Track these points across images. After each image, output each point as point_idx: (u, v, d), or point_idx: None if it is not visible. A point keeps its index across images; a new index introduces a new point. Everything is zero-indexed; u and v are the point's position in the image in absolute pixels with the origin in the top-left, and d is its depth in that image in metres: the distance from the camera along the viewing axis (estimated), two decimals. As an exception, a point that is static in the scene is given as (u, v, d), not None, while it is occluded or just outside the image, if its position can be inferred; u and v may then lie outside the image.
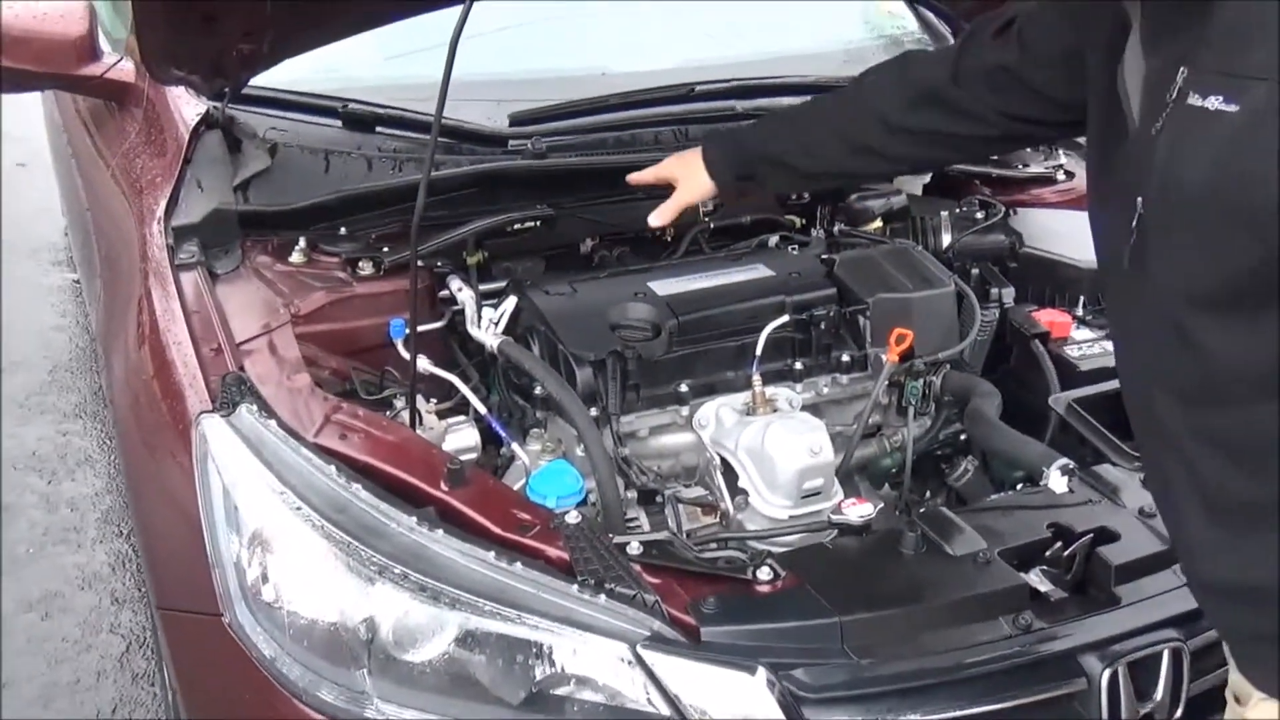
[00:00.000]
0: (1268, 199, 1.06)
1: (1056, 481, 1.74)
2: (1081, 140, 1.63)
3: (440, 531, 1.49)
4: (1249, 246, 1.10)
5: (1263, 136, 1.06)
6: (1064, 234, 2.40)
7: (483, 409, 1.94)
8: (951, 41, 2.87)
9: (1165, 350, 1.23)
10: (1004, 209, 2.43)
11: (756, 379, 1.95)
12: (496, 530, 1.53)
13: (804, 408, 2.00)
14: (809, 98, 2.06)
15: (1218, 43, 1.14)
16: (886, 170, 2.18)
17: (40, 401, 3.74)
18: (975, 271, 2.30)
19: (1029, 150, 2.66)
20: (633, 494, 1.86)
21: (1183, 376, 1.22)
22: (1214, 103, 1.12)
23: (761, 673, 1.40)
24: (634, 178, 2.07)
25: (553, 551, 1.51)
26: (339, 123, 2.23)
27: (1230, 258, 1.13)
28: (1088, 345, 2.16)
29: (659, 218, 2.00)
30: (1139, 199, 1.21)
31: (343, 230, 2.09)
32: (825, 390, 2.08)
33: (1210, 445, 1.22)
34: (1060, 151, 2.66)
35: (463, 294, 2.08)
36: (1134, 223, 1.22)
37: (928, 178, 2.62)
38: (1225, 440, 1.20)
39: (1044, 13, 1.60)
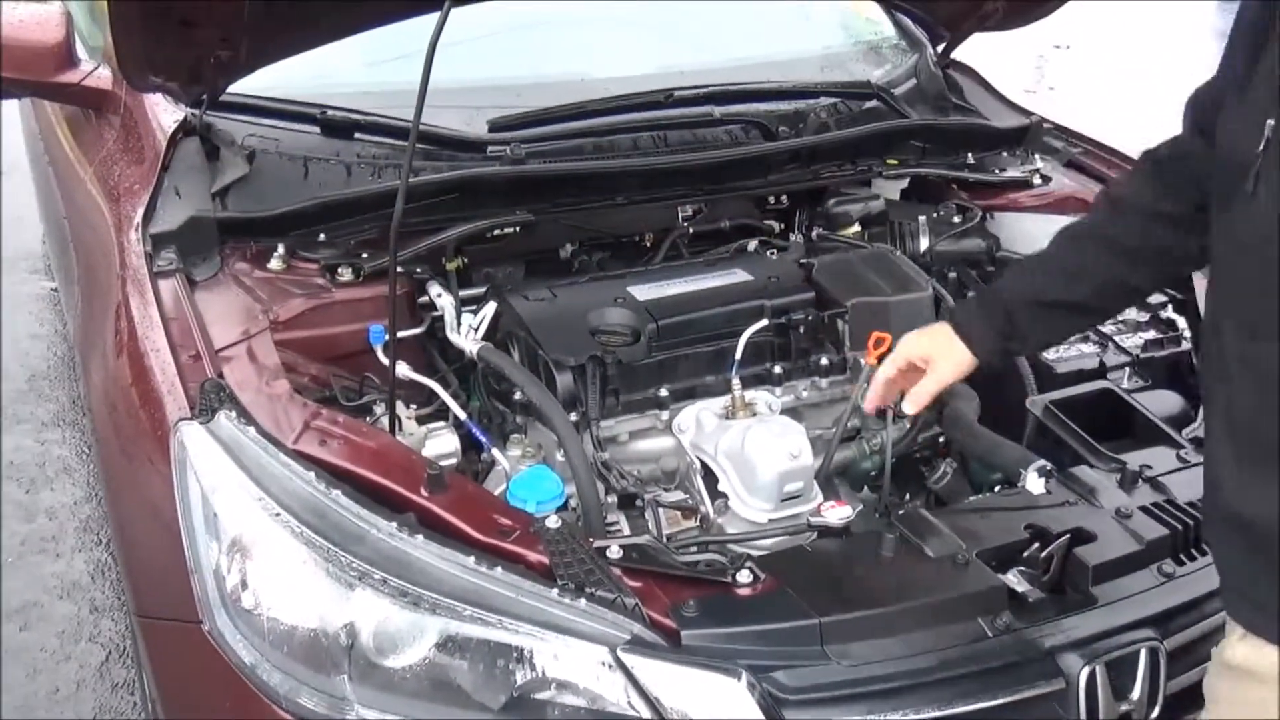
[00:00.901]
0: None
1: (1034, 483, 1.75)
2: None
3: (420, 537, 1.49)
4: None
5: None
6: (1040, 238, 2.37)
7: (462, 414, 1.94)
8: (929, 46, 2.89)
9: (1249, 279, 1.24)
10: (981, 213, 2.44)
11: (736, 383, 1.96)
12: (477, 535, 1.54)
13: (783, 411, 2.01)
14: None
15: None
16: (1178, 268, 1.81)
17: (18, 411, 3.72)
18: (953, 275, 2.32)
19: (1005, 154, 2.68)
20: (613, 498, 1.86)
21: (1256, 307, 1.23)
22: None
23: (742, 675, 1.41)
24: (881, 376, 1.80)
25: (533, 556, 1.52)
26: (318, 129, 2.23)
27: None
28: (1064, 348, 2.18)
29: (913, 405, 1.75)
30: (1269, 122, 1.21)
31: (322, 236, 2.09)
32: (804, 394, 2.09)
33: (1255, 378, 1.24)
34: (1037, 157, 2.68)
35: (442, 300, 2.09)
36: (1260, 146, 1.22)
37: (905, 182, 2.63)
38: (1269, 374, 1.22)
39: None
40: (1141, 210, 1.59)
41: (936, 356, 1.72)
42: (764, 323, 2.04)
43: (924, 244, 2.39)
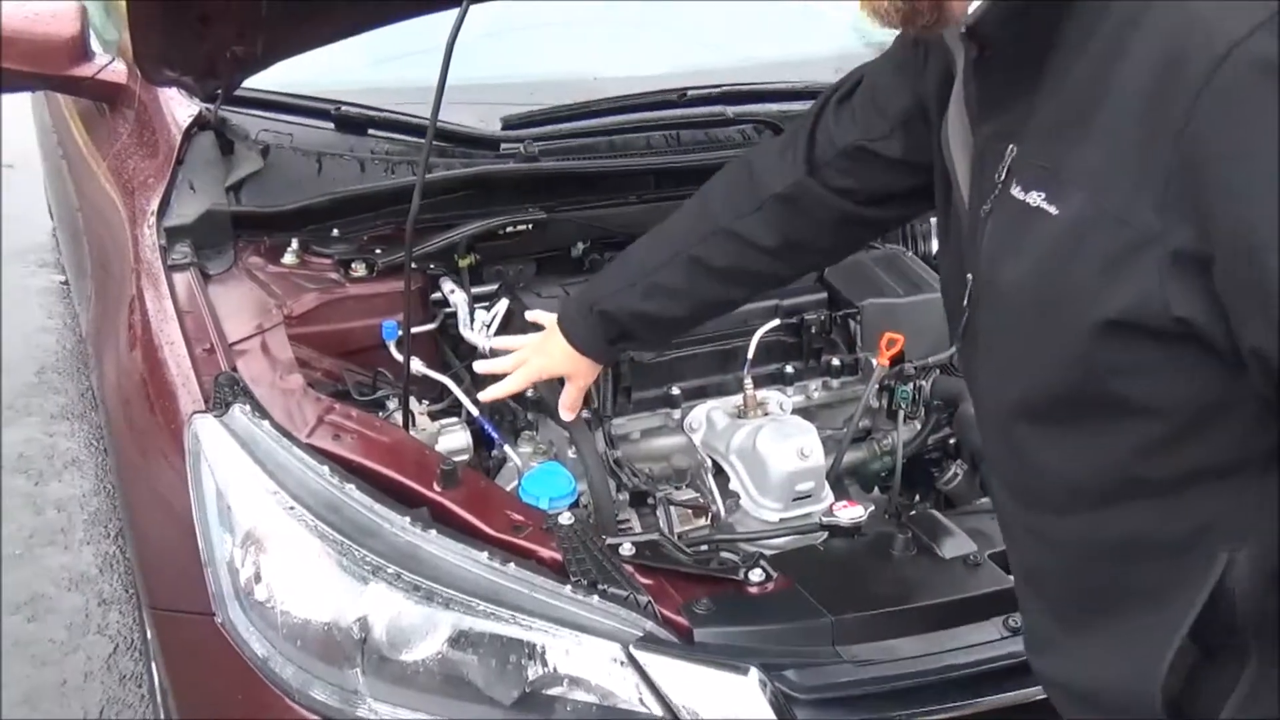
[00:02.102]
0: (1081, 316, 0.98)
1: (1045, 484, 1.75)
2: None
3: (434, 532, 1.49)
4: (1062, 364, 1.02)
5: (1082, 249, 0.97)
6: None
7: (475, 410, 1.94)
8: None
9: (996, 446, 1.19)
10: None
11: (748, 382, 1.96)
12: (490, 531, 1.54)
13: (795, 411, 2.01)
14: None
15: (1043, 131, 1.05)
16: (772, 285, 1.78)
17: (27, 403, 3.73)
18: (964, 277, 2.31)
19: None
20: (624, 496, 1.86)
21: (1012, 475, 1.18)
22: (1035, 198, 1.03)
23: (753, 673, 1.41)
24: (504, 388, 1.78)
25: (545, 552, 1.52)
26: (332, 125, 2.23)
27: (1045, 369, 1.05)
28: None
29: (567, 413, 1.78)
30: (969, 275, 1.16)
31: (335, 232, 2.09)
32: (816, 394, 2.10)
33: (1042, 544, 1.17)
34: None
35: (455, 296, 2.09)
36: (964, 300, 1.17)
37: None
38: (1055, 542, 1.15)
39: (881, 70, 1.48)
40: (737, 240, 1.57)
41: (568, 374, 1.74)
42: (776, 322, 2.04)
43: (935, 245, 2.39)
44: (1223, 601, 1.01)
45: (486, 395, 1.80)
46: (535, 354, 1.77)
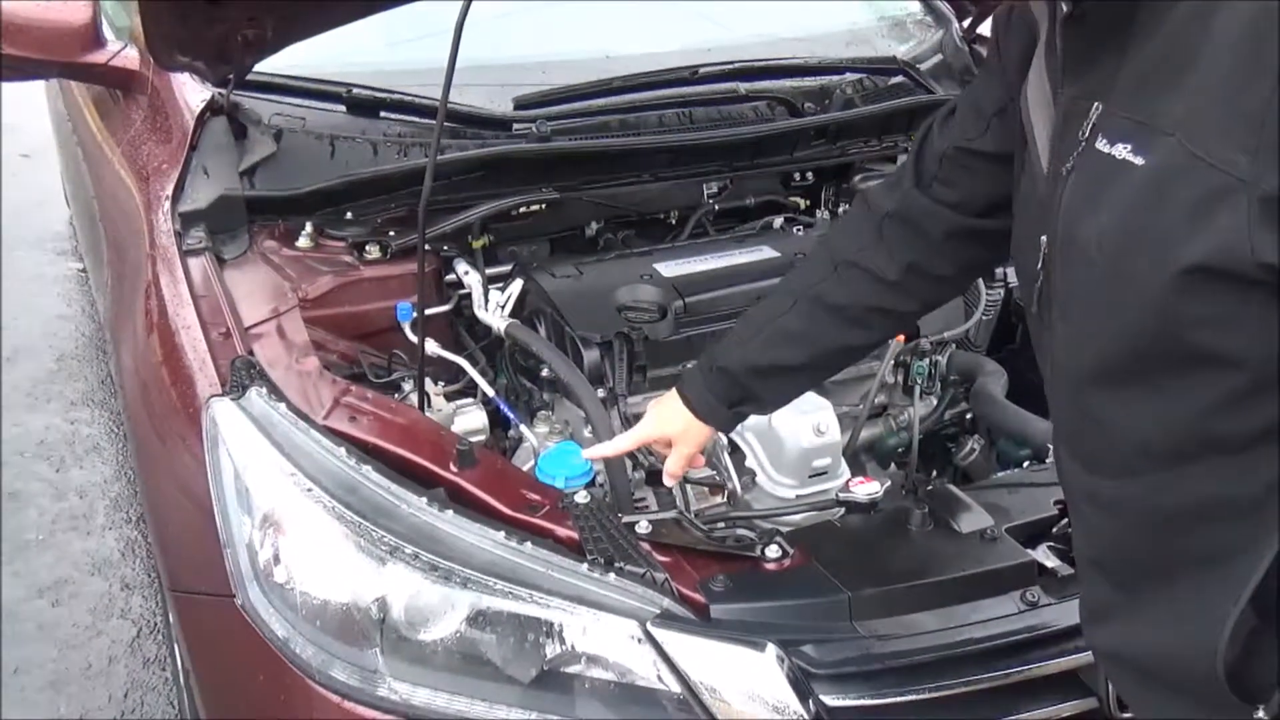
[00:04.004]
0: (1164, 265, 0.98)
1: (1063, 458, 1.75)
2: None
3: (450, 512, 1.50)
4: (1141, 317, 1.02)
5: (1169, 195, 0.97)
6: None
7: (490, 391, 1.95)
8: (954, 21, 2.87)
9: (1068, 413, 1.18)
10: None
11: (763, 359, 1.96)
12: (506, 510, 1.55)
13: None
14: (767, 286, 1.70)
15: (1131, 85, 1.05)
16: (895, 326, 1.65)
17: (47, 390, 3.75)
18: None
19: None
20: (640, 474, 1.87)
21: (1081, 441, 1.17)
22: (1121, 150, 1.03)
23: (771, 649, 1.41)
24: (613, 446, 1.71)
25: (562, 531, 1.52)
26: (344, 108, 2.23)
27: (1123, 324, 1.05)
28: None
29: (669, 479, 1.70)
30: (1043, 238, 1.16)
31: (349, 215, 2.10)
32: (832, 370, 2.09)
33: (1106, 511, 1.17)
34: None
35: (469, 277, 2.09)
36: (1039, 264, 1.17)
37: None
38: (1121, 508, 1.14)
39: (977, 80, 1.48)
40: (859, 273, 1.52)
41: (675, 436, 1.65)
42: (791, 299, 2.03)
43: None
44: None
45: (590, 452, 1.71)
46: (648, 416, 1.70)
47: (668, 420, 1.65)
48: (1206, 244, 0.95)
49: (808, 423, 1.83)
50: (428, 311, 1.95)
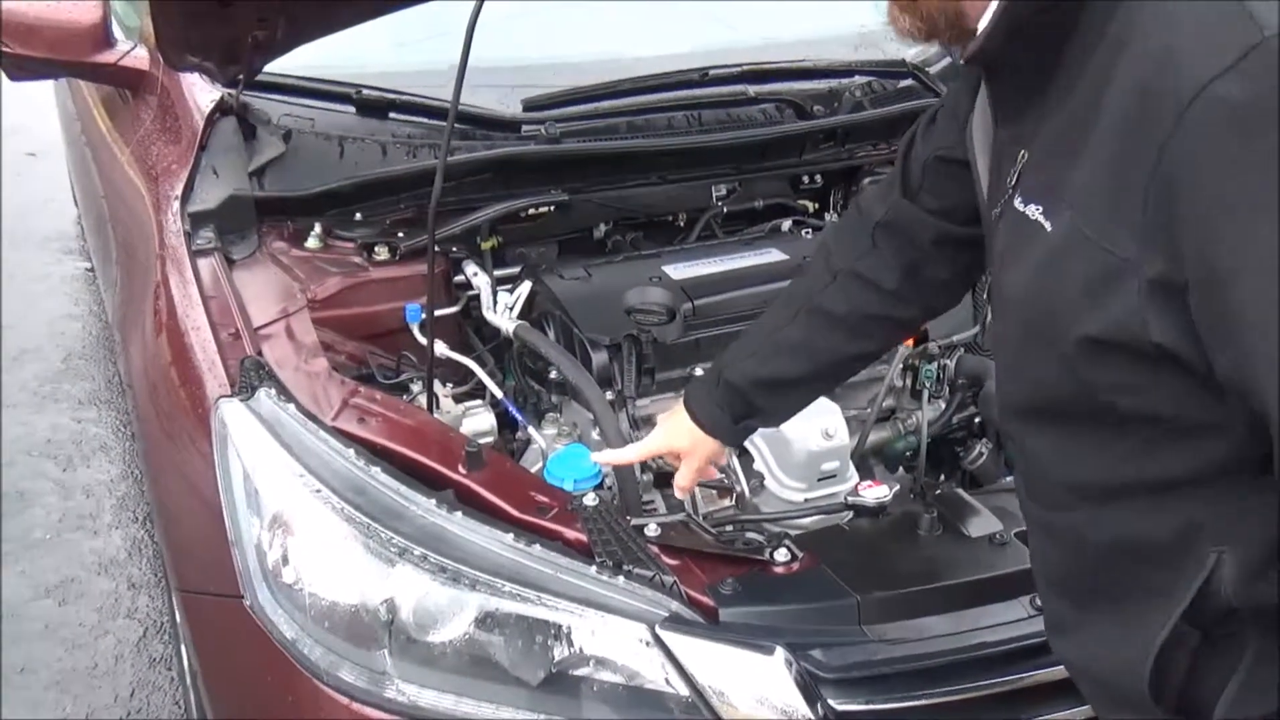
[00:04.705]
0: (1068, 330, 1.01)
1: (1071, 463, 1.74)
2: None
3: (459, 514, 1.50)
4: (1052, 372, 1.06)
5: (1068, 268, 1.00)
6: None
7: (499, 393, 1.95)
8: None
9: (1009, 441, 1.21)
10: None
11: (772, 362, 1.95)
12: (515, 512, 1.54)
13: (818, 391, 2.00)
14: (770, 295, 1.72)
15: (1048, 142, 1.06)
16: (896, 334, 1.69)
17: (54, 389, 3.76)
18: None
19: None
20: (649, 477, 1.87)
21: (1022, 469, 1.21)
22: (1034, 211, 1.05)
23: (779, 653, 1.40)
24: (621, 455, 1.70)
25: (571, 533, 1.52)
26: (353, 109, 2.24)
27: (1038, 375, 1.09)
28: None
29: (680, 492, 1.70)
30: (989, 272, 1.18)
31: (358, 215, 2.10)
32: (840, 374, 2.08)
33: (1049, 537, 1.20)
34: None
35: (478, 279, 2.09)
36: (985, 295, 1.19)
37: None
38: (1058, 536, 1.18)
39: (958, 81, 1.47)
40: (858, 282, 1.51)
41: (684, 450, 1.65)
42: (799, 303, 2.03)
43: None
44: (1213, 597, 1.03)
45: (598, 458, 1.71)
46: (659, 429, 1.70)
47: (676, 434, 1.65)
48: (1103, 320, 0.97)
49: (816, 426, 1.83)
50: (437, 313, 1.95)
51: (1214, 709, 1.07)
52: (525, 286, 2.05)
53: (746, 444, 1.89)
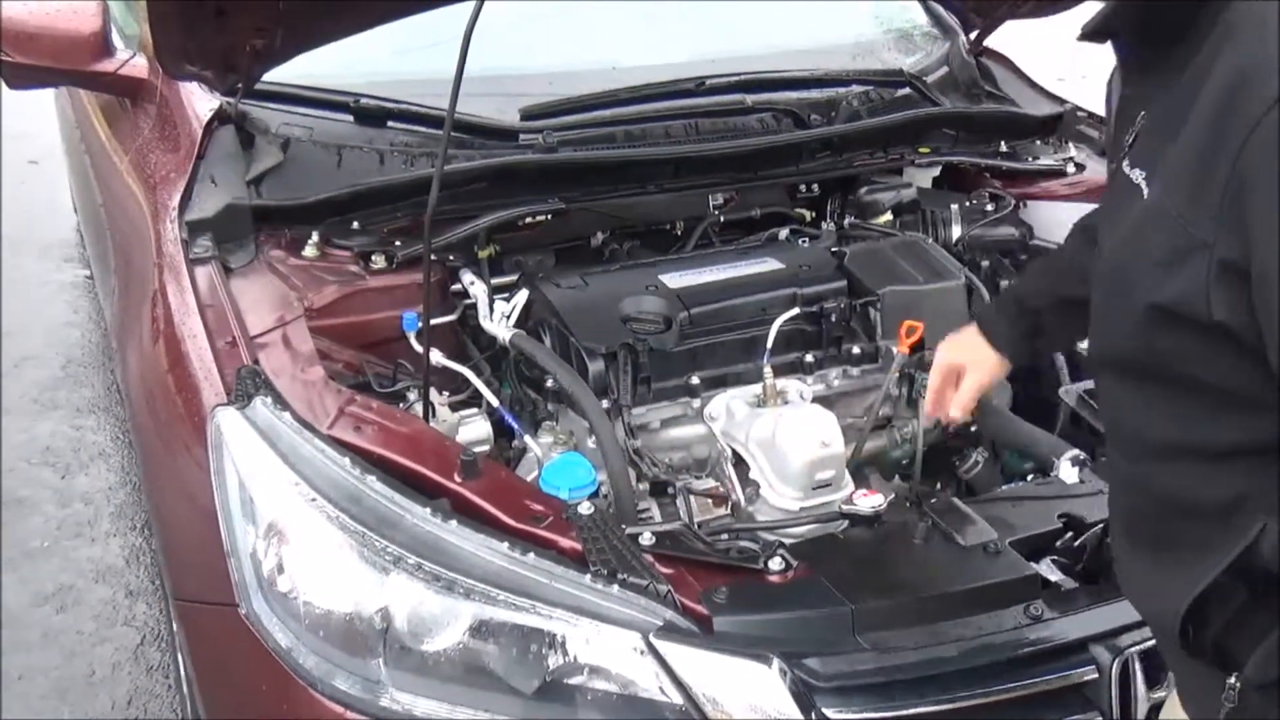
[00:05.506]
0: (1141, 295, 1.06)
1: (1067, 472, 1.75)
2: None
3: (454, 522, 1.50)
4: (1127, 330, 1.11)
5: (1153, 236, 1.05)
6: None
7: (495, 401, 1.95)
8: (961, 34, 2.87)
9: (1099, 392, 1.27)
10: (1014, 201, 2.43)
11: (767, 371, 1.96)
12: (510, 521, 1.55)
13: (815, 400, 2.01)
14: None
15: (1157, 116, 1.12)
16: None
17: (53, 397, 3.76)
18: (985, 264, 2.31)
19: (1038, 143, 2.66)
20: (644, 485, 1.87)
21: (1104, 415, 1.26)
22: (1137, 176, 1.11)
23: (774, 662, 1.41)
24: (931, 387, 1.75)
25: (565, 542, 1.52)
26: (351, 118, 2.24)
27: (1116, 331, 1.15)
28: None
29: (959, 412, 1.71)
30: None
31: (355, 224, 2.10)
32: (836, 382, 2.09)
33: (1119, 482, 1.25)
34: (1070, 145, 2.66)
35: (475, 287, 2.10)
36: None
37: (937, 170, 2.63)
38: (1124, 482, 1.24)
39: None
40: None
41: (969, 363, 1.70)
42: (795, 311, 2.04)
43: (956, 232, 2.38)
44: (1256, 559, 1.07)
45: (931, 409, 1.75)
46: (941, 350, 1.74)
47: (965, 349, 1.71)
48: (1172, 292, 1.03)
49: (812, 435, 1.83)
50: (433, 321, 1.96)
51: (1245, 665, 1.11)
52: (522, 295, 2.06)
53: (742, 452, 1.89)
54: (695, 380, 1.97)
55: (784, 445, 1.83)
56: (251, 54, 2.06)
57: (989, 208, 2.41)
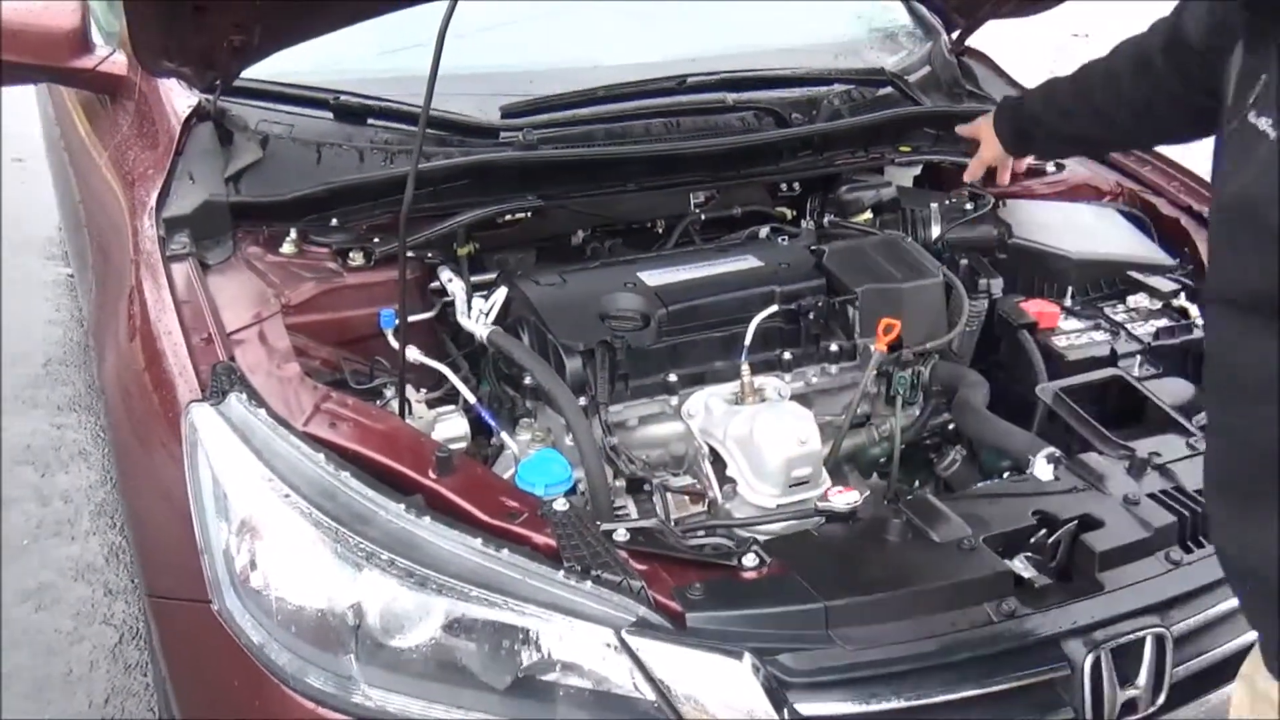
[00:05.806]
0: (1273, 224, 1.12)
1: (1043, 470, 1.76)
2: None
3: (428, 518, 1.50)
4: (1254, 257, 1.16)
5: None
6: (1052, 225, 2.41)
7: (472, 398, 1.95)
8: (943, 33, 2.88)
9: (1209, 335, 1.30)
10: (993, 200, 2.43)
11: (745, 369, 1.96)
12: (484, 517, 1.54)
13: (792, 397, 2.01)
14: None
15: None
16: (1152, 137, 2.22)
17: (34, 395, 3.75)
18: (964, 262, 2.31)
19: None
20: (621, 483, 1.86)
21: (1214, 365, 1.27)
22: (1263, 124, 1.17)
23: (747, 658, 1.41)
24: (961, 129, 2.43)
25: (540, 538, 1.52)
26: (330, 115, 2.24)
27: (1241, 260, 1.19)
28: (1075, 335, 2.17)
29: (969, 176, 2.39)
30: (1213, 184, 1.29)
31: (334, 221, 2.10)
32: (814, 380, 2.09)
33: (1217, 433, 1.28)
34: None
35: (453, 285, 2.09)
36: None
37: (918, 169, 2.63)
38: (1227, 432, 1.26)
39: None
40: (1161, 88, 1.85)
41: (985, 141, 2.33)
42: (774, 309, 2.04)
43: (935, 231, 2.38)
44: None
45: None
46: (982, 121, 2.35)
47: (981, 129, 2.33)
48: None
49: (789, 432, 1.83)
50: (411, 319, 1.95)
51: None
52: (501, 292, 2.05)
53: (720, 449, 1.89)
54: (673, 378, 1.97)
55: (761, 443, 1.83)
56: (230, 51, 2.05)
57: (968, 206, 2.41)
